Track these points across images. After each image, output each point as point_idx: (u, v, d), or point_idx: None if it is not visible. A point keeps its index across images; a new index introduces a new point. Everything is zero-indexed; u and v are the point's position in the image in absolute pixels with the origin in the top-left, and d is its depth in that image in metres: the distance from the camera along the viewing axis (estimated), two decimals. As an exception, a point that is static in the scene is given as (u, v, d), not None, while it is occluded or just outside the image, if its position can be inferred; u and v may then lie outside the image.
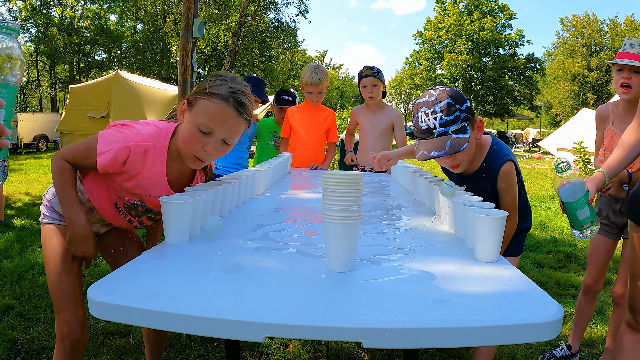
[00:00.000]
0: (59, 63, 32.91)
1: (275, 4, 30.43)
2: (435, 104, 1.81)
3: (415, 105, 1.90)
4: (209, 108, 1.62)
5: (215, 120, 1.62)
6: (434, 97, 1.82)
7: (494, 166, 2.00)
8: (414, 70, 46.65)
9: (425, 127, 1.83)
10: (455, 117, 1.80)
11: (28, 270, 4.06)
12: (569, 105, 45.24)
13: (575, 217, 1.85)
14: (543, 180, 13.22)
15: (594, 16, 45.72)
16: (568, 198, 1.82)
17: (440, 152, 1.80)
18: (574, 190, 1.81)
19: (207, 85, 1.65)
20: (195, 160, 1.69)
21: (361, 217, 1.22)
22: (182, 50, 7.76)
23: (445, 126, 1.80)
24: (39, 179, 9.68)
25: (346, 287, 1.13)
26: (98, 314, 1.02)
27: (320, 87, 3.89)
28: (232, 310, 0.97)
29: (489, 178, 2.03)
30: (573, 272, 4.58)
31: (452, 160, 1.93)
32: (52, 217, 1.90)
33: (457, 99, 1.82)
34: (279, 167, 3.07)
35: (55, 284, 1.78)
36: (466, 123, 1.83)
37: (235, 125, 1.66)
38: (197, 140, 1.64)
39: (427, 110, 1.82)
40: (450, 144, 1.79)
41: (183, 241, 1.46)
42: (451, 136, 1.80)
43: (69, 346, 1.75)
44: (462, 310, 1.00)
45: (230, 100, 1.62)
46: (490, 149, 2.04)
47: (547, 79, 50.06)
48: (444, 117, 1.79)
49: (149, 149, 1.68)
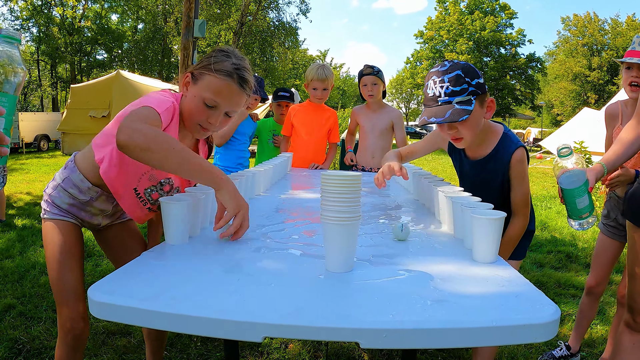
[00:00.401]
0: (60, 63, 32.94)
1: (276, 3, 30.46)
2: (445, 74, 1.82)
3: (427, 74, 1.92)
4: (215, 84, 1.69)
5: (221, 96, 1.70)
6: (445, 67, 1.84)
7: (506, 151, 2.00)
8: (415, 70, 46.64)
9: (431, 95, 1.85)
10: (462, 89, 1.80)
11: (29, 269, 4.07)
12: (570, 105, 45.23)
13: (575, 206, 1.82)
14: (544, 180, 13.22)
15: (595, 15, 45.71)
16: (569, 185, 1.80)
17: (439, 118, 1.81)
18: (575, 177, 1.79)
19: (212, 61, 1.71)
20: (200, 129, 1.77)
21: (359, 218, 1.23)
22: (183, 49, 7.77)
23: (450, 96, 1.81)
24: (40, 179, 9.69)
25: (345, 288, 1.14)
26: (99, 314, 1.03)
27: (326, 84, 3.89)
28: (231, 310, 0.98)
29: (500, 164, 2.02)
30: (573, 272, 4.58)
31: (454, 132, 1.92)
32: (52, 212, 1.87)
33: (468, 73, 1.82)
34: (279, 167, 3.07)
35: (57, 280, 1.78)
36: (473, 97, 1.82)
37: (239, 99, 1.76)
38: (203, 113, 1.72)
39: (436, 79, 1.83)
40: (450, 112, 1.80)
41: (183, 241, 1.46)
42: (454, 106, 1.81)
43: (71, 341, 1.77)
44: (460, 311, 1.00)
45: (235, 76, 1.70)
46: (504, 135, 2.05)
47: (548, 78, 50.06)
48: (451, 87, 1.80)
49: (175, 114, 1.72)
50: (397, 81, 59.12)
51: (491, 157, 2.05)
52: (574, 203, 1.82)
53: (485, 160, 2.07)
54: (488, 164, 2.06)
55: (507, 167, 2.01)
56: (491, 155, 2.05)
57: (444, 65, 1.85)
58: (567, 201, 1.83)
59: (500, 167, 2.02)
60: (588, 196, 1.81)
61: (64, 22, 30.77)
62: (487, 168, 2.07)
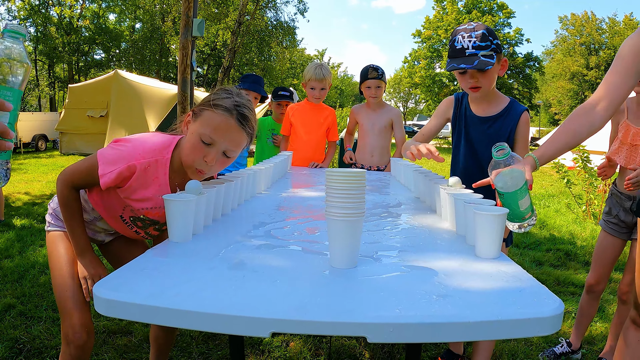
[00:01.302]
0: (58, 62, 32.84)
1: (274, 2, 30.42)
2: (473, 31, 2.08)
3: (454, 31, 2.15)
4: (213, 119, 1.66)
5: (217, 131, 1.66)
6: (472, 26, 2.09)
7: (516, 110, 2.29)
8: (413, 69, 46.60)
9: (459, 47, 2.10)
10: (487, 45, 2.07)
11: (29, 269, 4.07)
12: (568, 104, 45.29)
13: (517, 207, 1.66)
14: (542, 178, 13.24)
15: (592, 15, 45.77)
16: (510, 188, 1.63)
17: (468, 65, 2.07)
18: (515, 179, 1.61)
19: (211, 98, 1.69)
20: (196, 171, 1.72)
21: (364, 214, 1.23)
22: (181, 49, 7.76)
23: (477, 49, 2.07)
24: (38, 179, 9.68)
25: (349, 283, 1.15)
26: (104, 311, 1.03)
27: (323, 83, 3.88)
28: (237, 306, 0.98)
29: (509, 121, 2.28)
30: (572, 270, 4.59)
31: (474, 81, 2.18)
32: (57, 224, 1.94)
33: (491, 33, 2.09)
34: (279, 166, 3.08)
35: (61, 290, 1.79)
36: (494, 54, 2.10)
37: (237, 137, 1.69)
38: (199, 151, 1.67)
39: (465, 35, 2.09)
40: (478, 62, 2.06)
41: (186, 239, 1.47)
42: (479, 57, 2.07)
43: (74, 351, 1.74)
44: (465, 305, 1.01)
45: (234, 112, 1.66)
46: (512, 100, 2.34)
47: (546, 77, 50.09)
48: (478, 42, 2.06)
49: (150, 164, 1.70)
50: (395, 80, 59.08)
51: (501, 115, 2.30)
52: (516, 205, 1.66)
53: (495, 117, 2.32)
54: (497, 121, 2.31)
55: (515, 125, 2.28)
56: (502, 113, 2.30)
57: (470, 24, 2.11)
58: (508, 204, 1.66)
59: (509, 125, 2.28)
60: (528, 195, 1.69)
61: (62, 22, 30.69)
62: (495, 125, 2.31)
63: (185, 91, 7.82)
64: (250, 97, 3.88)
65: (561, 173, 6.73)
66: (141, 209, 1.78)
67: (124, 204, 1.79)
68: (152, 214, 1.81)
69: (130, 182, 1.69)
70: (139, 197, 1.74)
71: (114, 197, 1.79)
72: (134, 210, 1.80)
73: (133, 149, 1.69)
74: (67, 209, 1.74)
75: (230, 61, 27.12)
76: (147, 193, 1.73)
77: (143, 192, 1.73)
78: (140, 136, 1.76)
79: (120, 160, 1.66)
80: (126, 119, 13.93)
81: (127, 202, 1.77)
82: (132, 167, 1.66)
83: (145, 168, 1.69)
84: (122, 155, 1.67)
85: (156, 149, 1.72)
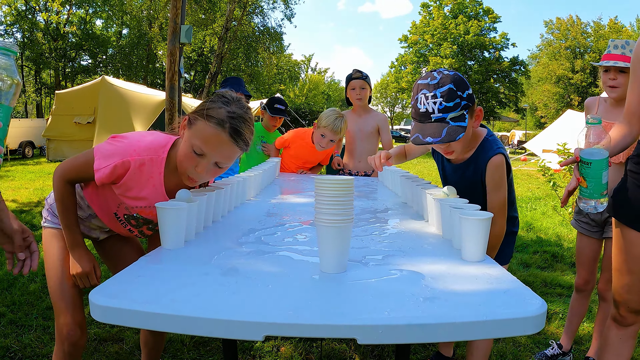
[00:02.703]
0: (45, 68, 32.68)
1: (261, 8, 30.47)
2: (436, 88, 1.77)
3: (416, 86, 1.85)
4: (204, 131, 1.62)
5: (208, 145, 1.63)
6: (436, 81, 1.77)
7: (484, 157, 1.98)
8: (400, 74, 46.84)
9: (423, 111, 1.79)
10: (455, 104, 1.77)
11: (19, 277, 4.06)
12: (554, 107, 45.70)
13: (601, 178, 1.67)
14: (529, 181, 13.35)
15: (577, 19, 46.31)
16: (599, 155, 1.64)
17: (436, 139, 1.77)
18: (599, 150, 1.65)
19: (206, 106, 1.65)
20: (188, 178, 1.72)
21: (352, 220, 1.27)
22: (169, 55, 7.77)
23: (444, 112, 1.77)
24: (25, 186, 9.62)
25: (339, 287, 1.18)
26: (101, 317, 1.05)
27: (337, 137, 3.66)
28: (232, 310, 1.01)
29: (477, 169, 2.01)
30: (559, 272, 4.66)
31: (446, 147, 1.92)
32: (53, 221, 1.94)
33: (459, 85, 1.78)
34: (268, 173, 3.10)
35: (56, 287, 1.81)
36: (465, 111, 1.80)
37: (229, 151, 1.67)
38: (191, 160, 1.67)
39: (428, 94, 1.78)
40: (446, 131, 1.77)
41: (179, 246, 1.49)
42: (448, 123, 1.78)
43: (68, 348, 1.78)
44: (451, 307, 1.05)
45: (227, 126, 1.62)
46: (484, 139, 2.02)
47: (531, 81, 50.51)
48: (444, 102, 1.76)
49: (145, 162, 1.71)
50: (381, 85, 59.33)
51: (471, 162, 2.04)
52: (600, 176, 1.66)
53: (465, 165, 2.07)
54: (468, 168, 2.06)
55: (484, 173, 1.99)
56: (471, 160, 2.04)
57: (434, 77, 1.79)
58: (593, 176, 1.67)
59: (478, 172, 2.01)
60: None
61: (49, 28, 30.55)
62: (467, 172, 2.07)
63: (173, 97, 7.83)
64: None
65: (547, 176, 6.80)
66: (135, 207, 1.80)
67: (118, 201, 1.80)
68: (146, 212, 1.83)
69: (124, 178, 1.71)
70: (134, 195, 1.76)
71: (109, 194, 1.80)
72: (129, 208, 1.82)
73: (129, 145, 1.71)
74: (62, 203, 1.77)
75: (218, 67, 27.12)
76: (142, 192, 1.75)
77: (138, 191, 1.75)
78: (137, 133, 1.79)
79: (116, 155, 1.68)
80: (113, 125, 13.88)
81: (122, 199, 1.78)
82: (126, 162, 1.67)
83: (139, 165, 1.70)
84: (117, 151, 1.69)
85: (152, 148, 1.72)
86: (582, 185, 1.73)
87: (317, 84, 54.87)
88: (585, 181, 1.71)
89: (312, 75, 57.48)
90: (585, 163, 1.68)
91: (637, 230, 1.82)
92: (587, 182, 1.71)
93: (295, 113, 22.75)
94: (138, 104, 14.26)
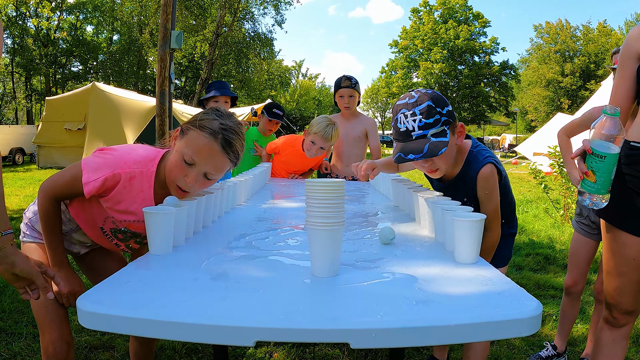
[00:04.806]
0: (35, 74, 32.53)
1: (251, 14, 30.49)
2: (415, 106, 1.77)
3: (395, 107, 1.86)
4: (197, 140, 1.63)
5: (200, 154, 1.63)
6: (414, 99, 1.78)
7: (472, 171, 1.96)
8: (390, 79, 47.03)
9: (404, 130, 1.79)
10: (435, 120, 1.76)
11: (7, 285, 4.01)
12: (544, 111, 45.95)
13: (611, 174, 1.62)
14: (520, 184, 13.40)
15: (567, 22, 46.64)
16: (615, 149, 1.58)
17: (418, 155, 1.77)
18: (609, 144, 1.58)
19: (199, 117, 1.67)
20: (177, 188, 1.70)
21: (344, 224, 1.25)
22: (160, 61, 7.75)
23: (424, 129, 1.76)
24: (15, 193, 9.54)
25: (331, 291, 1.16)
26: (88, 324, 1.03)
27: (327, 144, 3.65)
28: (222, 316, 1.00)
29: (468, 184, 1.99)
30: (552, 274, 4.66)
31: (430, 165, 1.89)
32: (32, 235, 1.90)
33: (438, 102, 1.78)
34: (259, 177, 3.09)
35: (39, 303, 1.76)
36: (446, 127, 1.80)
37: (219, 162, 1.67)
38: (180, 169, 1.66)
39: (407, 112, 1.78)
40: (428, 147, 1.76)
41: (167, 251, 1.47)
42: (429, 139, 1.77)
43: None
44: (445, 310, 1.03)
45: (219, 136, 1.63)
46: (470, 153, 2.00)
47: (522, 85, 50.84)
48: (424, 119, 1.75)
49: (135, 175, 1.68)
50: (372, 90, 59.47)
51: (460, 178, 2.03)
52: (611, 172, 1.61)
53: (455, 182, 2.06)
54: (458, 185, 2.04)
55: (474, 187, 1.97)
56: (460, 176, 2.02)
57: (412, 96, 1.80)
58: (605, 170, 1.60)
59: (470, 187, 1.99)
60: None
61: (39, 34, 30.44)
62: (459, 189, 2.05)
63: (163, 103, 7.80)
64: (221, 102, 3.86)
65: (538, 179, 6.82)
66: (124, 220, 1.77)
67: (105, 214, 1.77)
68: (134, 226, 1.79)
69: (113, 192, 1.68)
70: (123, 209, 1.73)
71: (95, 208, 1.77)
72: (116, 222, 1.78)
73: (119, 158, 1.68)
74: (47, 223, 1.71)
75: (208, 73, 27.08)
76: (132, 206, 1.72)
77: (127, 204, 1.72)
78: (126, 146, 1.76)
79: (105, 167, 1.65)
80: (104, 131, 13.84)
81: (110, 212, 1.75)
82: (116, 175, 1.65)
83: (130, 178, 1.67)
84: (107, 164, 1.66)
85: (142, 161, 1.71)
86: (590, 180, 1.65)
87: (308, 89, 54.87)
88: (595, 175, 1.64)
89: (303, 81, 57.49)
90: (598, 156, 1.60)
91: (629, 232, 1.82)
92: (596, 177, 1.63)
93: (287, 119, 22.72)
94: (129, 110, 14.20)
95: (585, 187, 1.67)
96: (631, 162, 1.80)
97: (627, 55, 1.82)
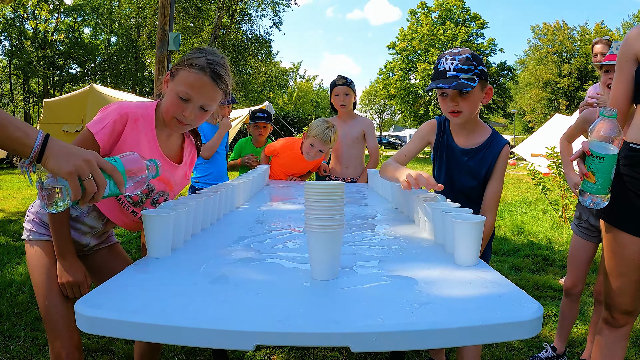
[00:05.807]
0: (33, 77, 32.51)
1: (249, 16, 30.52)
2: (456, 54, 2.06)
3: (440, 55, 2.14)
4: (188, 78, 1.75)
5: (193, 89, 1.75)
6: (457, 50, 2.08)
7: (498, 142, 2.23)
8: (388, 81, 46.99)
9: (441, 69, 2.07)
10: (469, 69, 2.02)
11: (5, 288, 4.00)
12: (542, 112, 46.04)
13: (610, 174, 1.65)
14: (518, 185, 13.41)
15: (564, 24, 46.75)
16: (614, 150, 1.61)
17: (446, 85, 2.02)
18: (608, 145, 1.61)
19: (186, 57, 1.79)
20: (177, 123, 1.80)
21: (343, 226, 1.25)
22: (157, 63, 7.75)
23: (458, 72, 2.03)
24: (13, 195, 9.53)
25: (331, 294, 1.16)
26: (87, 328, 1.02)
27: (326, 147, 3.64)
28: (221, 320, 0.99)
29: (490, 154, 2.22)
30: (551, 275, 4.66)
31: (454, 105, 2.10)
32: (39, 232, 1.83)
33: (476, 59, 2.06)
34: (257, 180, 3.08)
35: (49, 309, 1.74)
36: (477, 79, 2.04)
37: (212, 93, 1.79)
38: (178, 106, 1.77)
39: (448, 57, 2.07)
40: (457, 83, 2.01)
41: (166, 254, 1.46)
42: (460, 80, 2.02)
43: None
44: (446, 312, 1.03)
45: (207, 70, 1.76)
46: (494, 131, 2.28)
47: (519, 86, 50.90)
48: (460, 64, 2.03)
49: (139, 116, 1.78)
50: (370, 92, 59.46)
51: (483, 147, 2.23)
52: (610, 172, 1.64)
53: (477, 150, 2.24)
54: (479, 153, 2.24)
55: (496, 159, 2.21)
56: (484, 146, 2.24)
57: (457, 48, 2.10)
58: (604, 170, 1.63)
59: (490, 158, 2.21)
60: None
61: (37, 36, 30.42)
62: (476, 157, 2.24)
63: (162, 105, 7.78)
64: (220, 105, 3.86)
65: (537, 180, 6.82)
66: None
67: None
68: None
69: (123, 135, 1.74)
70: None
71: None
72: None
73: (120, 105, 1.78)
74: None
75: (207, 74, 27.02)
76: (140, 150, 1.72)
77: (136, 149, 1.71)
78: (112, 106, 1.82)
79: (110, 115, 1.74)
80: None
81: None
82: (124, 116, 1.74)
83: (135, 120, 1.77)
84: (110, 113, 1.75)
85: (140, 106, 1.83)
86: (590, 181, 1.69)
87: (305, 91, 54.84)
88: (595, 176, 1.68)
89: (301, 82, 57.47)
90: (597, 157, 1.65)
91: (628, 233, 1.82)
92: (596, 178, 1.67)
93: (284, 120, 22.67)
94: (126, 112, 14.16)
95: (586, 188, 1.72)
96: (630, 164, 1.80)
97: (625, 57, 1.82)
